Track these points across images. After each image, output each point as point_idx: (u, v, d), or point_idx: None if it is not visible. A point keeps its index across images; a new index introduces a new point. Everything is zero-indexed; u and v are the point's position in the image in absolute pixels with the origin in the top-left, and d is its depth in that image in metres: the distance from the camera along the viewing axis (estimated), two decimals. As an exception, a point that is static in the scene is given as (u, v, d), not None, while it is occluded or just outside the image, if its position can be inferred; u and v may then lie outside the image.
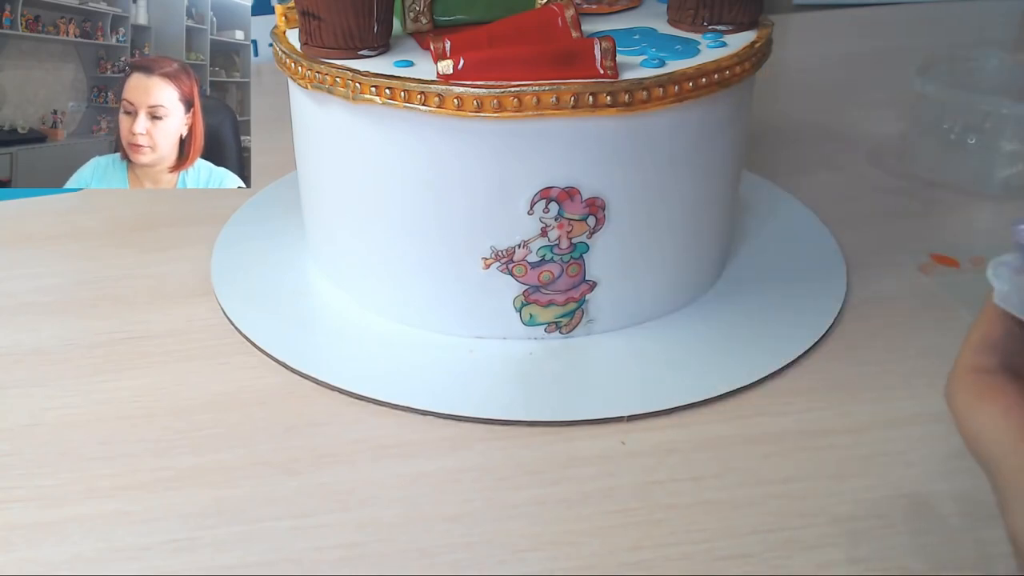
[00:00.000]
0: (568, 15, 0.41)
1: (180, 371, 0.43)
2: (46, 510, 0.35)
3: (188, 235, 0.55)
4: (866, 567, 0.32)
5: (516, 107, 0.37)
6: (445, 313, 0.44)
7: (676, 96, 0.38)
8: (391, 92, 0.38)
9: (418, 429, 0.39)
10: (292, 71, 0.42)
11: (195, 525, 0.34)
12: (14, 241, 0.55)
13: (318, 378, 0.42)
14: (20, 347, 0.45)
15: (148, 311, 0.48)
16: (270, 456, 0.38)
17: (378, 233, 0.43)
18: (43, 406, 0.41)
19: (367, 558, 0.33)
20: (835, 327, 0.45)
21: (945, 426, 0.39)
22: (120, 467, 0.37)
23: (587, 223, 0.41)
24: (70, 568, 0.33)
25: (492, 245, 0.41)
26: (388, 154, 0.41)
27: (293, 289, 0.49)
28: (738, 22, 0.44)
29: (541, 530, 0.34)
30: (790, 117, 0.71)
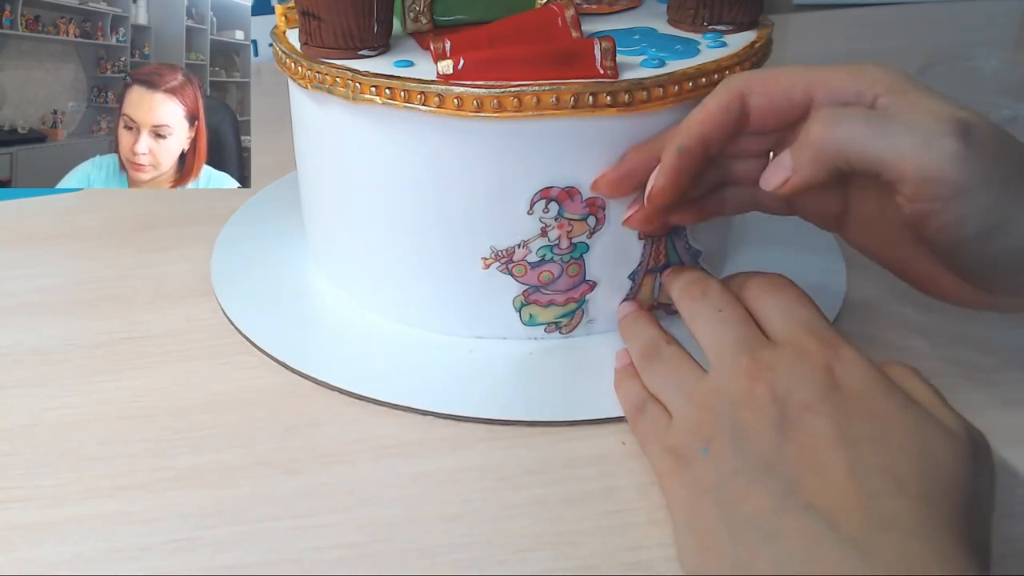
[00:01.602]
0: (568, 15, 0.41)
1: (180, 371, 0.43)
2: (46, 510, 0.35)
3: (188, 235, 0.55)
4: (866, 567, 0.32)
5: (516, 107, 0.37)
6: (445, 313, 0.44)
7: (676, 96, 0.38)
8: (391, 92, 0.38)
9: (418, 429, 0.39)
10: (292, 71, 0.42)
11: (195, 525, 0.34)
12: (14, 241, 0.55)
13: (318, 378, 0.42)
14: (20, 347, 0.45)
15: (148, 311, 0.48)
16: (270, 456, 0.38)
17: (378, 233, 0.43)
18: (43, 406, 0.41)
19: (367, 558, 0.33)
20: (834, 327, 0.45)
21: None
22: (120, 467, 0.37)
23: (587, 223, 0.41)
24: (70, 568, 0.33)
25: (492, 245, 0.41)
26: (388, 154, 0.41)
27: (293, 289, 0.49)
28: (738, 22, 0.44)
29: (541, 530, 0.34)
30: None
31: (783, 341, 0.33)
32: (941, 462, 0.29)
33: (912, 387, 0.31)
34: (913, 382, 0.32)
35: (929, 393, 0.31)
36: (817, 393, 0.30)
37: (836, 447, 0.29)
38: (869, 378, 0.31)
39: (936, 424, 0.30)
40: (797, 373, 0.31)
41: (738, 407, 0.32)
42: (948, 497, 0.28)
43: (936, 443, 0.29)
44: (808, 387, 0.31)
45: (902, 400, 0.30)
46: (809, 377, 0.31)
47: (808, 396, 0.31)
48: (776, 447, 0.30)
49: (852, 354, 0.32)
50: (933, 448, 0.29)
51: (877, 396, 0.30)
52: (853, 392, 0.31)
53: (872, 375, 0.31)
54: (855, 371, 0.31)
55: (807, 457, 0.29)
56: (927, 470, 0.28)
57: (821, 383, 0.31)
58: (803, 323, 0.34)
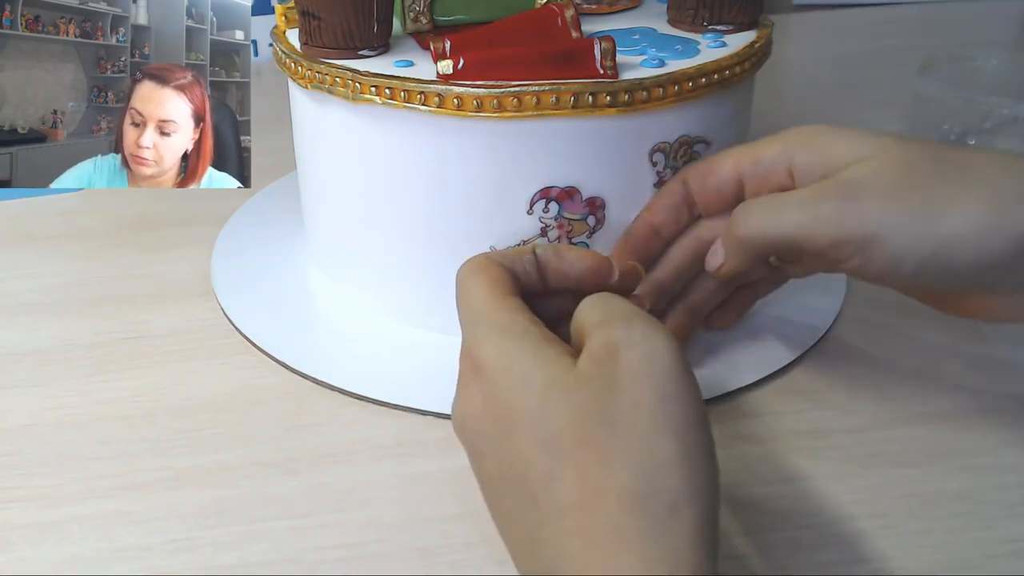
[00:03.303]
0: (568, 15, 0.41)
1: (180, 371, 0.43)
2: (46, 510, 0.35)
3: (188, 235, 0.55)
4: (866, 567, 0.32)
5: (516, 107, 0.37)
6: (444, 313, 0.43)
7: (676, 96, 0.38)
8: (391, 92, 0.38)
9: (418, 429, 0.39)
10: (292, 71, 0.42)
11: (195, 525, 0.34)
12: (14, 241, 0.55)
13: (318, 378, 0.42)
14: (20, 347, 0.45)
15: (148, 311, 0.48)
16: (270, 456, 0.38)
17: (378, 233, 0.43)
18: (43, 406, 0.41)
19: (367, 558, 0.33)
20: (835, 327, 0.45)
21: (946, 426, 0.39)
22: (120, 467, 0.37)
23: (587, 223, 0.41)
24: (70, 568, 0.33)
25: (492, 245, 0.41)
26: (388, 154, 0.41)
27: (293, 289, 0.49)
28: (738, 22, 0.44)
29: (541, 530, 0.34)
30: (790, 117, 0.70)
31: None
32: (560, 440, 0.26)
33: (577, 327, 0.29)
34: (581, 318, 0.29)
35: (588, 314, 0.29)
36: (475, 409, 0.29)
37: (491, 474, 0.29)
38: (495, 372, 0.29)
39: (554, 387, 0.27)
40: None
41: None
42: (586, 483, 0.25)
43: (551, 416, 0.26)
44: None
45: (524, 382, 0.27)
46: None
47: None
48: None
49: (488, 350, 0.29)
50: (548, 425, 0.26)
51: (503, 393, 0.28)
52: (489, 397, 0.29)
53: (499, 368, 0.29)
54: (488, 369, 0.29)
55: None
56: (545, 466, 0.26)
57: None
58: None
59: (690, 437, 0.26)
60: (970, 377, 0.42)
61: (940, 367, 0.42)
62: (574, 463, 0.26)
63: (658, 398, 0.26)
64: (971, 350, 0.43)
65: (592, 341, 0.28)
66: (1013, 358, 0.43)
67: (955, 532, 0.33)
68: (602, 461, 0.25)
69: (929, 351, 0.43)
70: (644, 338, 0.27)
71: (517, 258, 0.32)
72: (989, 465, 0.37)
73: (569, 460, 0.26)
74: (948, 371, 0.42)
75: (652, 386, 0.26)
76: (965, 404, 0.40)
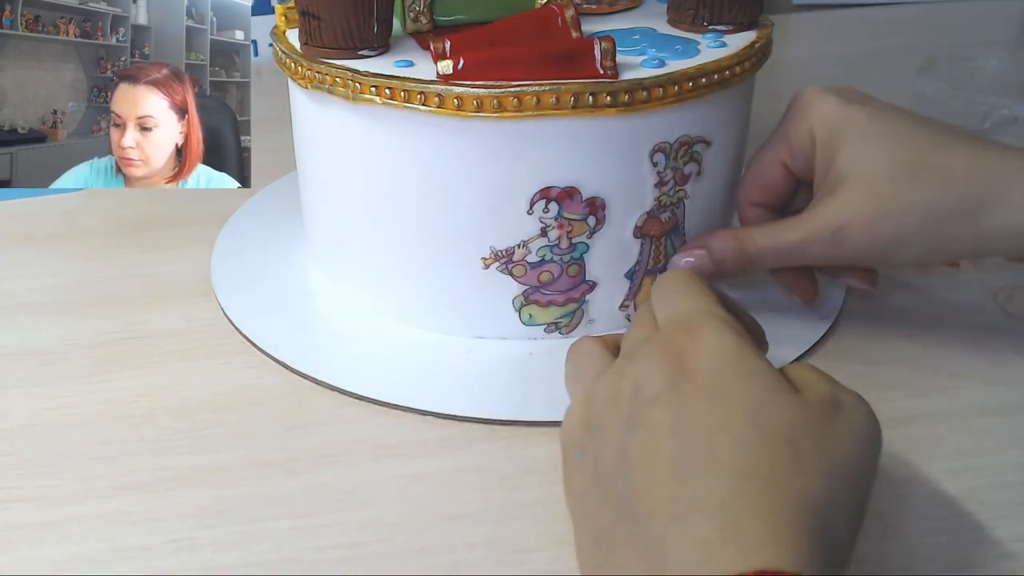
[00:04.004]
0: (568, 15, 0.41)
1: (180, 371, 0.43)
2: (46, 510, 0.35)
3: (188, 235, 0.55)
4: (866, 567, 0.32)
5: (516, 107, 0.37)
6: (444, 313, 0.44)
7: (676, 96, 0.38)
8: (391, 92, 0.38)
9: (418, 429, 0.39)
10: (292, 71, 0.42)
11: (195, 525, 0.34)
12: (14, 241, 0.55)
13: (318, 378, 0.42)
14: (20, 347, 0.45)
15: (148, 311, 0.48)
16: (270, 456, 0.38)
17: (377, 233, 0.43)
18: (43, 406, 0.41)
19: (367, 558, 0.33)
20: (835, 327, 0.45)
21: (945, 426, 0.39)
22: (120, 467, 0.37)
23: (587, 223, 0.41)
24: (70, 568, 0.33)
25: (492, 245, 0.41)
26: (388, 154, 0.41)
27: (293, 289, 0.49)
28: (738, 22, 0.44)
29: (541, 530, 0.34)
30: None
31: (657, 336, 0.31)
32: (772, 430, 0.26)
33: (801, 376, 0.29)
34: (805, 372, 0.30)
35: (813, 373, 0.29)
36: (664, 383, 0.28)
37: (667, 438, 0.27)
38: (722, 360, 0.28)
39: (781, 393, 0.27)
40: (649, 366, 0.29)
41: (604, 407, 0.30)
42: (776, 468, 0.25)
43: (772, 411, 0.27)
44: (657, 378, 0.28)
45: (751, 377, 0.28)
46: (659, 368, 0.29)
47: (656, 388, 0.28)
48: (622, 447, 0.28)
49: (712, 338, 0.29)
50: (766, 416, 0.26)
51: (724, 377, 0.28)
52: (702, 377, 0.28)
53: (726, 357, 0.28)
54: (708, 355, 0.29)
55: (644, 453, 0.27)
56: (751, 441, 0.26)
57: (669, 372, 0.28)
58: (675, 312, 0.32)
59: (866, 508, 0.28)
60: (970, 377, 0.42)
61: (940, 367, 0.42)
62: (773, 449, 0.26)
63: (870, 459, 0.28)
64: (971, 350, 0.43)
65: (818, 386, 0.29)
66: (1013, 358, 0.43)
67: (955, 532, 0.33)
68: (796, 460, 0.26)
69: (929, 351, 0.43)
70: (861, 402, 0.29)
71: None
72: (989, 465, 0.37)
73: (769, 445, 0.26)
74: (948, 371, 0.42)
75: (865, 448, 0.28)
76: (965, 404, 0.40)
